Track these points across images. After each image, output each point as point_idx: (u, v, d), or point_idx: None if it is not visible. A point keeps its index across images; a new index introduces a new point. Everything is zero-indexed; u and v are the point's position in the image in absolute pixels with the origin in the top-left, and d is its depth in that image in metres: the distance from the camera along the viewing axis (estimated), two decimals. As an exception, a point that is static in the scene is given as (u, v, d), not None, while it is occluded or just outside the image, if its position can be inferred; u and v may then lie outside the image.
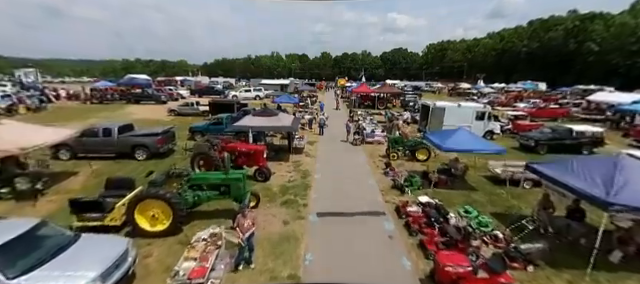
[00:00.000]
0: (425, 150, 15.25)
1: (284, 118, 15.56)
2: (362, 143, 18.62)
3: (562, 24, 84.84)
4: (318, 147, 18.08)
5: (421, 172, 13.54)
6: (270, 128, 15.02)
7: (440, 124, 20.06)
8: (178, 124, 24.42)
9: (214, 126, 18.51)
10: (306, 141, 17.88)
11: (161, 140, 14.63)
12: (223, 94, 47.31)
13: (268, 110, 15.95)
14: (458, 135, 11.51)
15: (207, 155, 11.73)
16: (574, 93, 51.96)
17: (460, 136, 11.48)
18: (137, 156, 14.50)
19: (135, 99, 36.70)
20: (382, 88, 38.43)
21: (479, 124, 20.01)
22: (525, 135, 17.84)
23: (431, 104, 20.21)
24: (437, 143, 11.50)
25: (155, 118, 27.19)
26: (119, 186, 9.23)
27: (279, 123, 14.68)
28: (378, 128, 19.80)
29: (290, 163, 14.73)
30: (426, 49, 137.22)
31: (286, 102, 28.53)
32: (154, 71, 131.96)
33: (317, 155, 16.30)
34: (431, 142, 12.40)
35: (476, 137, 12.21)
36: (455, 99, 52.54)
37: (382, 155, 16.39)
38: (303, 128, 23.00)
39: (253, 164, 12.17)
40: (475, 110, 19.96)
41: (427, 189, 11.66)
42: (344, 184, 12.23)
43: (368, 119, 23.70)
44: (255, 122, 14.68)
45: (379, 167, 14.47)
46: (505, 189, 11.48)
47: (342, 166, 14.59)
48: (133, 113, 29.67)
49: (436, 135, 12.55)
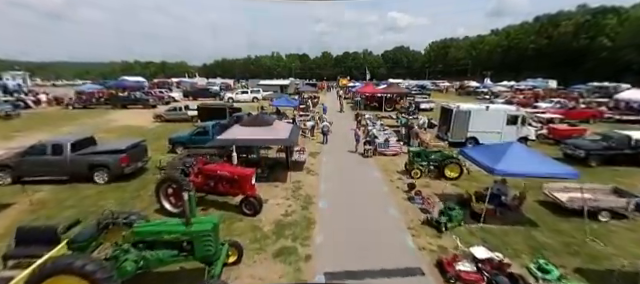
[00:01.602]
0: (456, 166, 12.27)
1: (280, 128, 12.61)
2: (374, 154, 15.66)
3: (572, 19, 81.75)
4: (322, 160, 15.13)
5: (455, 196, 10.61)
6: (262, 142, 12.07)
7: (464, 131, 17.16)
8: (162, 132, 21.62)
9: (198, 137, 15.59)
10: (307, 154, 14.93)
11: (126, 158, 11.69)
12: (219, 96, 44.43)
13: (261, 117, 12.99)
14: (513, 153, 8.52)
15: (177, 182, 8.79)
16: (590, 91, 48.92)
17: (516, 154, 8.50)
18: (96, 179, 11.58)
19: (122, 103, 33.82)
20: (389, 88, 35.35)
21: (511, 130, 17.04)
22: (572, 144, 14.81)
23: (453, 107, 17.23)
24: (485, 165, 8.51)
25: (138, 125, 24.32)
26: (36, 240, 6.30)
27: (274, 135, 11.73)
28: (392, 136, 16.81)
29: (288, 184, 11.79)
30: (428, 47, 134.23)
31: (285, 105, 25.57)
32: (153, 73, 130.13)
33: (321, 172, 13.34)
34: (474, 162, 9.41)
35: (537, 155, 9.19)
36: (464, 99, 49.52)
37: (400, 171, 13.43)
38: (304, 135, 20.07)
39: (239, 192, 9.23)
40: (506, 113, 16.97)
41: (471, 224, 8.71)
42: (358, 217, 9.27)
43: (378, 124, 20.71)
44: (244, 134, 11.74)
45: (400, 189, 11.50)
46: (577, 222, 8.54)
47: (353, 188, 11.64)
48: (115, 120, 26.81)
49: (480, 152, 9.55)
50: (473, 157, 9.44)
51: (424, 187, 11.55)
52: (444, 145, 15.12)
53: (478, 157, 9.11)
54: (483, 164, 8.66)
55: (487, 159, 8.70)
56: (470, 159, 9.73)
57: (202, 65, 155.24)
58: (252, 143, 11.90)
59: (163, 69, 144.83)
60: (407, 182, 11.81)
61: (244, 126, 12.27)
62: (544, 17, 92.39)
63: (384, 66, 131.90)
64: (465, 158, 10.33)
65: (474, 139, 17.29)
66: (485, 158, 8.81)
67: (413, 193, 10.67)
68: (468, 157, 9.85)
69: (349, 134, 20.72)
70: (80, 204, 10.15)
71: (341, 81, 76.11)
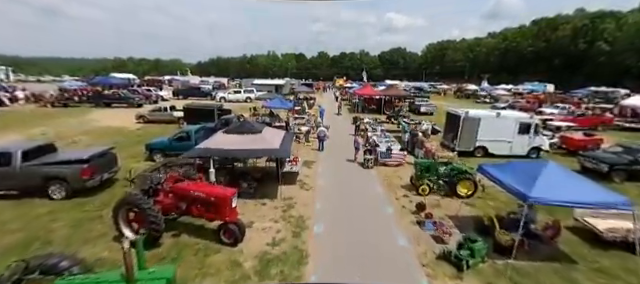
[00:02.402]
0: (469, 181, 10.79)
1: (271, 135, 10.99)
2: (375, 165, 14.14)
3: (570, 23, 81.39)
4: (318, 171, 13.57)
5: (472, 220, 9.15)
6: (249, 153, 10.43)
7: (473, 139, 15.77)
8: (144, 134, 19.86)
9: (179, 143, 13.92)
10: (301, 164, 13.34)
11: (89, 170, 9.98)
12: (210, 96, 42.57)
13: (248, 124, 11.35)
14: (549, 176, 7.05)
15: (138, 206, 7.15)
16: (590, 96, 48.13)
17: (553, 177, 7.03)
18: (52, 194, 9.86)
19: (105, 102, 31.82)
20: (389, 90, 33.86)
21: (522, 139, 15.71)
22: (592, 156, 13.47)
23: (461, 113, 15.80)
24: (515, 189, 7.02)
25: (119, 126, 22.49)
26: None
27: (263, 144, 10.12)
28: (395, 144, 15.31)
29: (278, 202, 10.21)
30: (425, 49, 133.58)
31: (279, 107, 23.89)
32: (147, 70, 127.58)
33: (316, 186, 11.78)
34: (499, 184, 7.92)
35: (576, 177, 7.70)
36: (463, 102, 48.38)
37: (405, 185, 11.94)
38: (298, 140, 18.50)
39: (216, 217, 7.61)
40: (518, 121, 15.60)
41: (496, 259, 7.23)
42: (360, 249, 7.73)
43: (379, 130, 19.20)
44: (227, 143, 10.12)
45: (407, 209, 9.99)
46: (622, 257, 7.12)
47: (353, 207, 10.10)
48: (96, 120, 24.91)
49: (506, 172, 8.02)
50: (497, 178, 7.94)
51: (434, 207, 10.07)
52: (453, 156, 13.66)
53: (505, 178, 7.62)
54: (512, 188, 7.17)
55: (516, 181, 7.21)
56: (493, 179, 8.24)
57: (197, 63, 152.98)
58: (237, 154, 10.28)
59: (157, 67, 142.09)
60: (414, 200, 10.36)
61: (229, 134, 10.63)
62: (542, 21, 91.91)
63: (381, 67, 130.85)
64: (485, 177, 8.83)
65: (483, 148, 15.92)
66: (513, 180, 7.33)
67: (423, 215, 9.17)
68: (490, 177, 8.35)
69: (347, 140, 19.24)
70: (27, 227, 8.45)
71: (337, 81, 74.70)
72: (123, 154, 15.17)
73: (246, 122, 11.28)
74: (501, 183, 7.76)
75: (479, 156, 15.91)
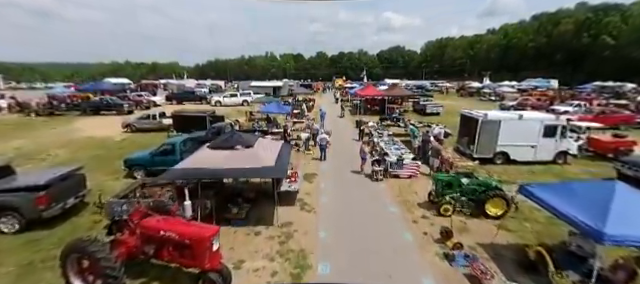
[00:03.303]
0: (500, 200, 9.14)
1: (264, 149, 9.31)
2: (385, 177, 12.48)
3: (572, 17, 79.81)
4: (319, 186, 11.91)
5: (511, 250, 7.50)
6: (237, 174, 8.70)
7: (493, 144, 14.12)
8: (129, 145, 18.21)
9: (162, 157, 12.24)
10: (301, 178, 11.67)
11: (46, 198, 8.29)
12: (205, 99, 40.92)
13: (237, 136, 9.61)
14: (626, 202, 5.41)
15: (90, 255, 5.50)
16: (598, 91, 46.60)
17: (632, 205, 5.38)
18: (3, 227, 8.20)
19: (93, 109, 30.10)
20: (391, 90, 32.15)
21: (548, 143, 14.07)
22: (632, 163, 11.82)
23: (479, 115, 14.16)
24: (583, 224, 5.35)
25: (104, 136, 20.79)
26: None
27: (254, 162, 8.44)
28: (407, 153, 13.64)
29: (274, 230, 8.55)
30: (424, 47, 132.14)
31: (276, 112, 22.17)
32: (145, 74, 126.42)
33: (319, 206, 10.11)
34: (553, 211, 6.25)
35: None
36: (468, 101, 46.70)
37: (423, 203, 10.29)
38: (298, 149, 16.85)
39: (193, 264, 5.94)
40: (543, 123, 13.95)
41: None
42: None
43: (385, 135, 17.54)
44: (211, 161, 8.46)
45: (429, 235, 8.33)
46: None
47: (364, 235, 8.43)
48: (80, 129, 23.22)
49: (559, 195, 6.34)
50: (550, 205, 6.27)
51: (461, 231, 8.44)
52: (474, 165, 12.01)
53: (561, 206, 5.96)
54: (576, 221, 5.50)
55: (579, 210, 5.56)
56: (542, 204, 6.57)
57: (195, 66, 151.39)
58: (224, 175, 8.56)
59: (154, 70, 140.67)
60: (436, 223, 8.73)
61: (214, 149, 8.97)
62: (543, 16, 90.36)
63: (379, 66, 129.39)
64: (530, 200, 7.15)
65: (504, 154, 14.28)
66: (575, 208, 5.67)
67: (451, 246, 7.52)
68: (539, 202, 6.67)
69: (351, 146, 17.60)
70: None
71: (337, 82, 73.03)
72: (101, 171, 13.58)
73: (235, 134, 9.57)
74: (557, 212, 6.11)
75: (499, 163, 14.30)
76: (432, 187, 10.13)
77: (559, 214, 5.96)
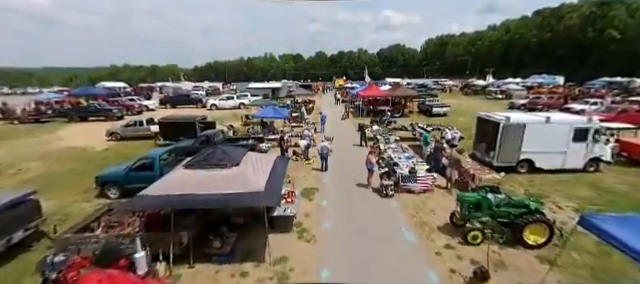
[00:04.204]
0: (541, 225, 7.49)
1: (253, 168, 7.68)
2: (396, 191, 10.84)
3: (577, 11, 78.01)
4: (321, 205, 10.26)
5: None
6: (217, 201, 6.77)
7: (517, 151, 12.50)
8: (112, 156, 16.62)
9: (138, 173, 10.63)
10: (299, 197, 10.02)
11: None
12: (201, 103, 39.28)
13: (220, 152, 7.91)
14: None
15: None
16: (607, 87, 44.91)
17: None
18: None
19: (81, 115, 28.47)
20: (395, 90, 30.37)
21: (579, 148, 12.43)
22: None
23: (501, 119, 12.50)
24: None
25: (86, 145, 19.17)
26: None
27: (240, 185, 6.79)
28: (419, 162, 11.98)
29: (265, 269, 6.92)
30: (425, 44, 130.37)
31: (272, 117, 20.48)
32: (144, 77, 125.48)
33: (320, 234, 8.45)
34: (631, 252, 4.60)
35: None
36: (473, 99, 44.98)
37: (444, 227, 8.65)
38: (296, 158, 15.24)
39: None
40: (573, 126, 12.30)
41: None
42: None
43: (392, 140, 15.88)
44: (187, 184, 6.82)
45: (458, 274, 6.69)
46: None
47: (378, 275, 6.80)
48: (62, 138, 21.62)
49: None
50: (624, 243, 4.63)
51: (497, 266, 6.83)
52: (499, 178, 10.35)
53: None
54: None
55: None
56: (616, 243, 4.91)
57: (194, 68, 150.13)
58: (199, 204, 6.78)
59: (153, 73, 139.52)
60: (463, 255, 7.12)
61: (192, 169, 7.34)
62: (546, 10, 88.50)
63: (379, 65, 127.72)
64: (594, 234, 5.49)
65: (528, 162, 12.64)
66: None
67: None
68: (608, 237, 5.02)
69: (355, 152, 15.98)
70: None
71: (337, 82, 71.28)
72: (72, 189, 11.97)
73: (218, 149, 7.92)
74: (634, 252, 4.45)
75: (523, 172, 12.67)
76: (456, 208, 8.47)
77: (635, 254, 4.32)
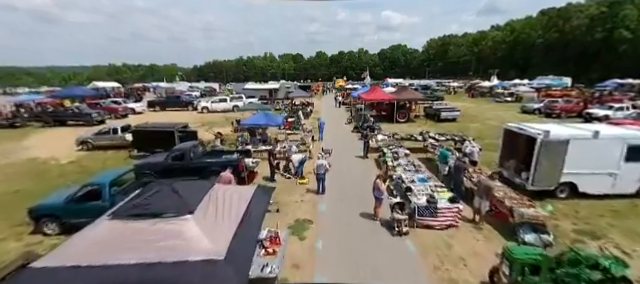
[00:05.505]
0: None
1: (213, 218, 5.34)
2: (411, 225, 8.50)
3: (584, 11, 75.62)
4: (315, 248, 7.91)
5: None
6: (141, 280, 4.40)
7: (558, 171, 10.13)
8: (78, 171, 14.30)
9: (81, 204, 8.29)
10: (285, 242, 7.59)
11: None
12: (191, 105, 36.95)
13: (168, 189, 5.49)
14: None
15: None
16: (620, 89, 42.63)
17: None
18: None
19: (57, 120, 26.12)
20: (402, 93, 27.85)
21: (633, 169, 10.09)
22: None
23: (538, 133, 10.13)
24: None
25: (52, 156, 16.80)
26: None
27: (184, 251, 4.48)
28: (439, 188, 9.61)
29: None
30: (426, 45, 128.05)
31: (264, 125, 17.98)
32: (142, 76, 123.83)
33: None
34: None
35: None
36: (480, 102, 42.56)
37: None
38: (288, 176, 12.91)
39: None
40: (626, 143, 9.98)
41: None
42: None
43: (402, 154, 13.48)
44: (104, 250, 4.48)
45: None
46: None
47: None
48: (28, 147, 19.27)
49: None
50: None
51: None
52: (546, 214, 7.97)
53: None
54: None
55: None
56: None
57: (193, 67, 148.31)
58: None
59: (152, 72, 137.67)
60: None
61: (121, 219, 4.99)
62: (551, 10, 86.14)
63: (380, 65, 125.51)
64: None
65: (570, 185, 10.31)
66: None
67: None
68: None
69: (358, 167, 13.65)
70: None
71: (337, 82, 68.82)
72: (8, 220, 9.58)
73: (165, 187, 5.57)
74: None
75: (562, 197, 10.35)
76: (500, 267, 6.10)
77: None
